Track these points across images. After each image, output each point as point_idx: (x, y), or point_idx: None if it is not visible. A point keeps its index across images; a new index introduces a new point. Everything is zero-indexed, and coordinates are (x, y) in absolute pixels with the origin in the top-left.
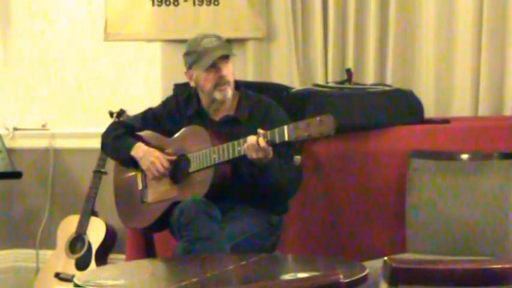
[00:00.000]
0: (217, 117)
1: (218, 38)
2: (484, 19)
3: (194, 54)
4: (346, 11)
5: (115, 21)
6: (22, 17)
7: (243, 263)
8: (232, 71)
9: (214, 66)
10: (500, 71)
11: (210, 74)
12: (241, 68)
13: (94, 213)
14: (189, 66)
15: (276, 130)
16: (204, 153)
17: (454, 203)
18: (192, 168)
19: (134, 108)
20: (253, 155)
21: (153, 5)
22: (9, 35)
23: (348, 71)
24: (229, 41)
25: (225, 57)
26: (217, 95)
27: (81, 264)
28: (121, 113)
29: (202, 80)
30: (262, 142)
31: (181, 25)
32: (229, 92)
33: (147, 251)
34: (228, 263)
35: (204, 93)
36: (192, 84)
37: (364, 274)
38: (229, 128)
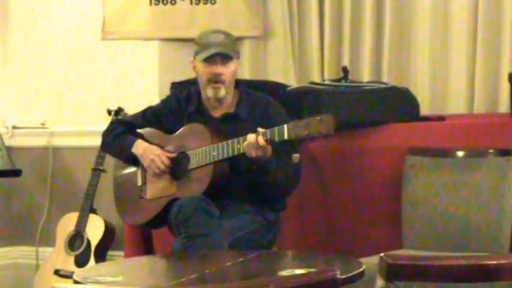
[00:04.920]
0: (217, 114)
1: (227, 36)
2: (479, 17)
3: (198, 45)
4: (342, 9)
5: (112, 20)
6: (21, 16)
7: (241, 259)
8: (233, 71)
9: (212, 62)
10: (495, 68)
11: (206, 68)
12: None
13: (93, 211)
14: (194, 56)
15: (276, 129)
16: (204, 151)
17: (449, 200)
18: (191, 166)
19: (132, 107)
20: (252, 153)
21: (151, 4)
22: (8, 34)
23: (344, 69)
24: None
25: (224, 57)
26: (209, 92)
27: (80, 261)
28: (119, 111)
29: (200, 72)
30: (261, 140)
31: (179, 24)
32: (222, 91)
33: (146, 247)
34: (226, 260)
35: (200, 86)
36: (195, 73)
37: (360, 270)
38: (229, 125)
